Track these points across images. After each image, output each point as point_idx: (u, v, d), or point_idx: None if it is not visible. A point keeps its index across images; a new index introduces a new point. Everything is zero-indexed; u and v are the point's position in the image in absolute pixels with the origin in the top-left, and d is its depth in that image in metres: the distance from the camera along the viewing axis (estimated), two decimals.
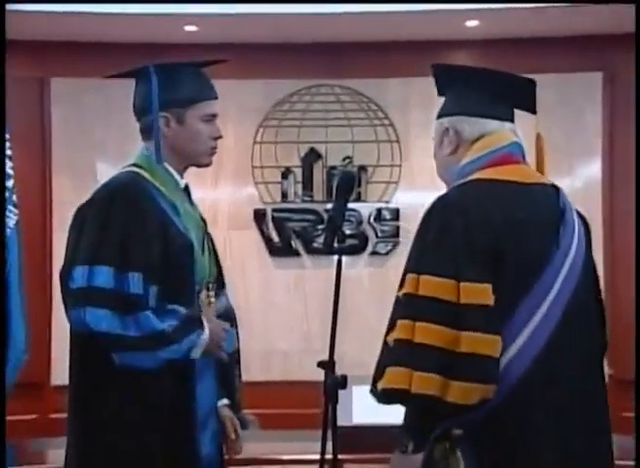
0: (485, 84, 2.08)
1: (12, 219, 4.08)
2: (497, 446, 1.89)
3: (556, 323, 1.92)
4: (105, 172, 5.10)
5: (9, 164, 4.10)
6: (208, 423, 2.24)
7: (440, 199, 1.98)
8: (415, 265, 1.92)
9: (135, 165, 2.29)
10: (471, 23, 4.95)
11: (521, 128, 2.17)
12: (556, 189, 2.05)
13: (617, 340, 4.89)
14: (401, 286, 1.96)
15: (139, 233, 2.15)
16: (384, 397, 1.89)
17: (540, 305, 1.91)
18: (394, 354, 1.88)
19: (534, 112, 2.17)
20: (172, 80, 2.27)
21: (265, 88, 5.27)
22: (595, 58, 5.06)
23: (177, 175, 2.31)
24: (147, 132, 2.29)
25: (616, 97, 5.06)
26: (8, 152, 4.09)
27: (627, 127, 4.87)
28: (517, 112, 2.17)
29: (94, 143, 5.16)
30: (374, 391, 1.93)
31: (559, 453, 1.91)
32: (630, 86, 4.73)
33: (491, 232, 1.91)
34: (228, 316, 2.36)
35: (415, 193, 5.11)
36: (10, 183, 4.08)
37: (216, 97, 2.34)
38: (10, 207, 4.09)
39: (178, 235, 2.21)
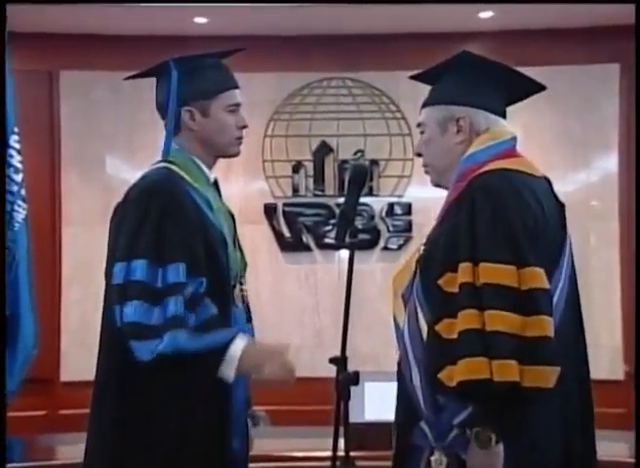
0: (502, 81, 2.11)
1: (21, 213, 4.06)
2: (519, 423, 1.90)
3: (564, 305, 1.97)
4: (114, 165, 5.10)
5: (18, 158, 4.08)
6: (240, 419, 2.24)
7: (481, 187, 1.97)
8: (468, 253, 1.89)
9: (165, 160, 2.26)
10: (485, 15, 4.90)
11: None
12: (548, 182, 2.11)
13: (633, 337, 4.88)
14: (438, 276, 1.93)
15: (177, 228, 2.13)
16: (464, 390, 1.85)
17: (557, 288, 1.95)
18: (466, 345, 1.86)
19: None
20: (193, 73, 2.26)
21: (276, 81, 5.24)
22: (612, 50, 5.00)
23: (206, 170, 2.31)
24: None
25: (633, 89, 4.99)
26: (17, 146, 4.07)
27: None
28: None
29: (102, 136, 5.14)
30: (442, 387, 1.89)
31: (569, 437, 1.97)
32: None
33: (533, 219, 1.94)
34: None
35: (427, 187, 5.02)
36: (19, 177, 4.06)
37: (238, 87, 2.33)
38: (19, 201, 4.07)
39: (214, 230, 2.21)
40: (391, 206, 5.20)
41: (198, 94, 2.25)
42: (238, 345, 2.10)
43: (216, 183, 2.35)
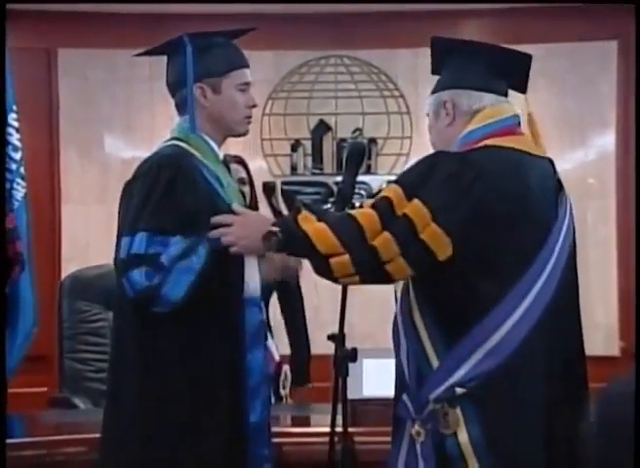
0: (482, 58, 2.12)
1: (20, 192, 4.06)
2: (496, 405, 1.93)
3: (553, 291, 1.96)
4: (113, 144, 5.09)
5: (16, 136, 4.07)
6: (259, 392, 2.25)
7: (455, 154, 1.98)
8: (411, 188, 2.02)
9: (176, 138, 2.27)
10: None
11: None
12: (551, 162, 2.10)
13: (629, 315, 4.91)
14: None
15: (183, 199, 2.15)
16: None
17: (542, 274, 1.95)
18: None
19: (524, 92, 2.20)
20: (205, 50, 2.27)
21: (274, 59, 5.22)
22: (610, 27, 4.99)
23: (216, 148, 2.32)
24: (184, 105, 2.27)
25: (630, 67, 4.99)
26: (15, 124, 4.06)
27: None
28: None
29: (100, 115, 5.13)
30: None
31: (553, 418, 1.96)
32: None
33: (507, 199, 1.94)
34: None
35: None
36: (18, 155, 4.06)
37: (248, 66, 2.34)
38: (18, 179, 4.06)
39: (224, 207, 2.21)
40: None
41: (210, 70, 2.26)
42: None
43: (225, 162, 2.36)
